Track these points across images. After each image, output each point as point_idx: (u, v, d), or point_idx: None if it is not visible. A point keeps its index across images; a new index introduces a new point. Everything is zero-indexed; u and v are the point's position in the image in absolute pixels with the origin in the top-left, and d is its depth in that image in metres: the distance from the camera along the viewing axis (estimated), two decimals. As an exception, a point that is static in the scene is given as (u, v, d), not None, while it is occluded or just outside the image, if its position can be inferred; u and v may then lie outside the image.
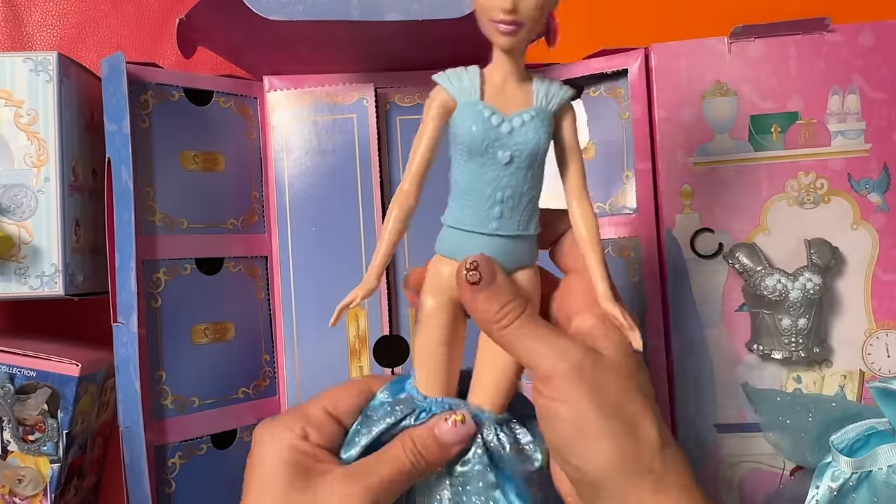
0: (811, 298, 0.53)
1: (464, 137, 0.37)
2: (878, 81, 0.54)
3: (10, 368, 0.53)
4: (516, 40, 0.36)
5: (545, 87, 0.38)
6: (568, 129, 0.38)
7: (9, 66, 0.53)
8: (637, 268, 0.56)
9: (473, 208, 0.37)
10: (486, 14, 0.36)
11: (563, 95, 0.38)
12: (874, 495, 0.48)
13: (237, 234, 0.58)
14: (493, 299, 0.37)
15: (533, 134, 0.36)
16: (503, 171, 0.37)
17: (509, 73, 0.37)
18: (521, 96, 0.37)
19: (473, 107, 0.37)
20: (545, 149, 0.37)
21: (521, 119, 0.37)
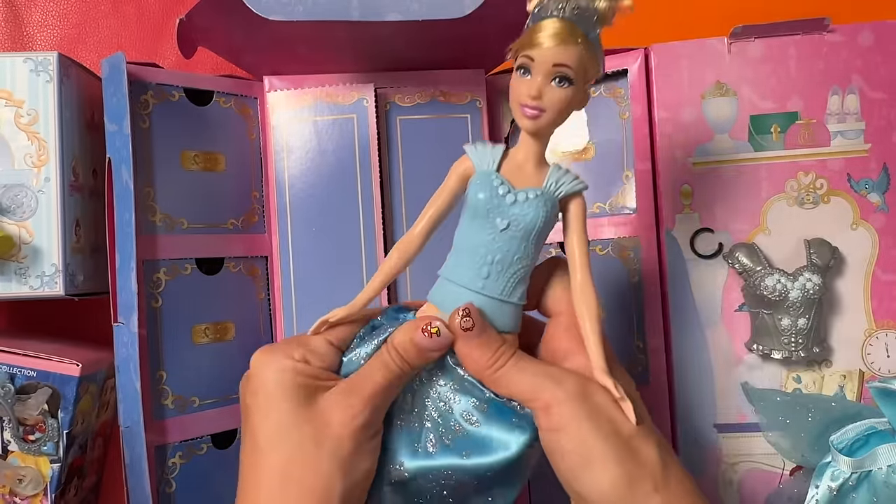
0: (811, 298, 0.53)
1: (472, 200, 0.40)
2: (878, 81, 0.54)
3: (10, 368, 0.53)
4: (539, 125, 0.39)
5: (559, 174, 0.41)
6: (574, 213, 0.41)
7: (9, 67, 0.53)
8: (637, 268, 0.56)
9: (467, 265, 0.40)
10: (516, 98, 0.39)
11: (573, 185, 0.41)
12: (874, 495, 0.48)
13: (237, 234, 0.58)
14: (486, 346, 0.39)
15: (533, 210, 0.39)
16: (498, 237, 0.40)
17: (530, 154, 0.41)
18: (535, 177, 0.40)
19: (487, 176, 0.40)
20: (542, 227, 0.40)
21: (527, 195, 0.40)
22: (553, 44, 0.37)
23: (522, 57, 0.38)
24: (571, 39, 0.38)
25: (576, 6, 0.38)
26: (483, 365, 0.39)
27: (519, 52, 0.39)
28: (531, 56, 0.38)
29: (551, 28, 0.38)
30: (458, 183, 0.41)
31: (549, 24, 0.38)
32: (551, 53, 0.37)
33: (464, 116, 0.57)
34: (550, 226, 0.41)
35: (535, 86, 0.38)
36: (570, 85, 0.38)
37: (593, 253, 0.58)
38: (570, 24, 0.38)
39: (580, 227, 0.41)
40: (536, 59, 0.38)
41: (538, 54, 0.38)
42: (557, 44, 0.37)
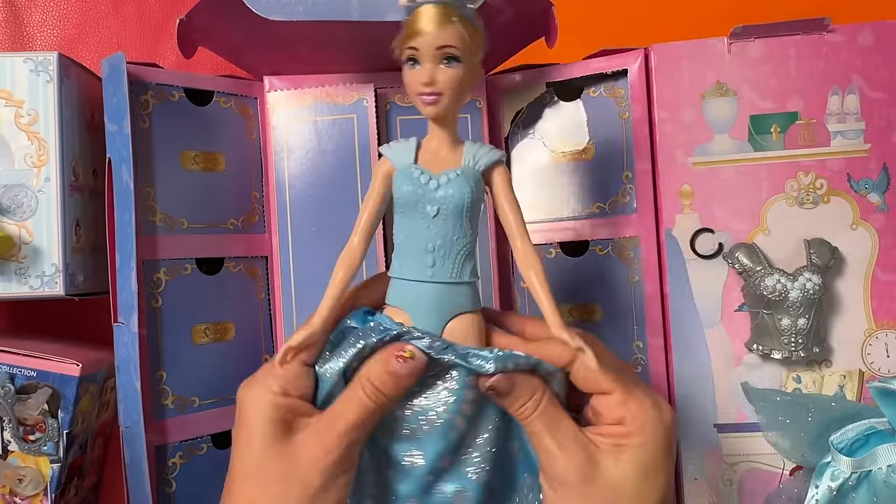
0: (811, 298, 0.53)
1: (398, 195, 0.41)
2: (878, 81, 0.54)
3: (10, 368, 0.53)
4: (440, 108, 0.40)
5: (475, 149, 0.42)
6: (499, 183, 0.42)
7: (9, 67, 0.53)
8: (637, 268, 0.56)
9: (411, 259, 0.41)
10: (412, 91, 0.40)
11: (491, 156, 0.42)
12: (874, 495, 0.48)
13: (237, 234, 0.58)
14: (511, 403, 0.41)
15: (457, 189, 0.40)
16: (432, 224, 0.41)
17: (443, 139, 0.42)
18: (453, 158, 0.41)
19: (407, 169, 0.41)
20: (472, 203, 0.41)
21: (447, 177, 0.41)
22: (432, 28, 0.38)
23: (407, 50, 0.39)
24: (448, 20, 0.39)
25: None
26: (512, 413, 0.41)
27: (403, 46, 0.39)
28: (415, 46, 0.39)
29: (426, 14, 0.39)
30: (383, 184, 0.42)
31: (424, 11, 0.39)
32: (432, 37, 0.38)
33: (464, 116, 0.57)
34: (480, 200, 0.41)
35: (426, 72, 0.39)
36: (459, 63, 0.39)
37: (593, 253, 0.58)
38: (442, 6, 0.39)
39: (507, 194, 0.42)
40: (421, 48, 0.39)
41: (420, 42, 0.39)
42: (436, 27, 0.38)
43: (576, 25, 0.64)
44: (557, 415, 0.41)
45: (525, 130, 0.60)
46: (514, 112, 0.60)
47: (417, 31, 0.39)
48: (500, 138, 0.60)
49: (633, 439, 0.40)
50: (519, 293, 0.59)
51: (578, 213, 0.58)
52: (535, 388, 0.41)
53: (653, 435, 0.40)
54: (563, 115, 0.59)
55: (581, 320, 0.58)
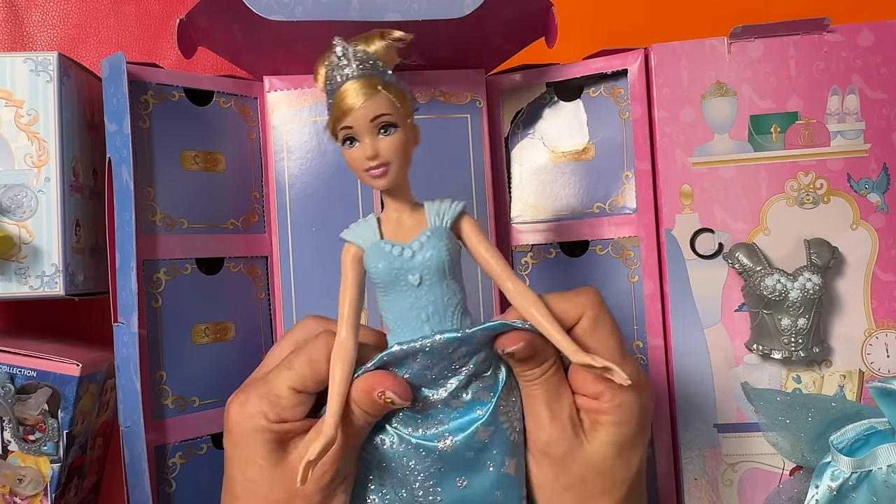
0: (811, 298, 0.53)
1: (376, 275, 0.40)
2: (878, 82, 0.54)
3: (10, 368, 0.53)
4: (391, 178, 0.40)
5: (436, 207, 0.41)
6: (469, 232, 0.41)
7: (9, 66, 0.53)
8: (637, 268, 0.56)
9: (408, 334, 0.40)
10: (357, 168, 0.40)
11: (454, 210, 0.41)
12: (874, 495, 0.48)
13: (237, 234, 0.58)
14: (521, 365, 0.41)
15: (434, 250, 0.39)
16: (419, 293, 0.40)
17: (401, 208, 0.41)
18: (417, 223, 0.41)
19: (376, 246, 0.40)
20: (451, 259, 0.40)
21: (420, 242, 0.40)
22: (360, 103, 0.38)
23: (342, 131, 0.39)
24: (374, 90, 0.38)
25: (359, 63, 0.39)
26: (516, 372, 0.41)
27: (336, 128, 0.39)
28: (348, 125, 0.39)
29: (351, 90, 0.38)
30: (355, 269, 0.41)
31: (348, 88, 0.38)
32: (363, 111, 0.38)
33: (464, 116, 0.57)
34: (457, 254, 0.40)
35: (367, 147, 0.39)
36: (396, 128, 0.39)
37: (593, 253, 0.58)
38: (363, 79, 0.38)
39: (481, 241, 0.41)
40: (355, 125, 0.38)
41: (353, 119, 0.38)
42: (363, 101, 0.38)
43: (576, 25, 0.64)
44: (560, 387, 0.41)
45: (525, 130, 0.60)
46: (514, 112, 0.60)
47: (347, 109, 0.38)
48: (500, 138, 0.60)
49: (609, 417, 0.40)
50: (519, 293, 0.59)
51: (578, 213, 0.59)
52: (548, 355, 0.41)
53: (629, 416, 0.41)
54: (563, 115, 0.59)
55: (581, 320, 0.58)
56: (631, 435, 0.41)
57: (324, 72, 0.40)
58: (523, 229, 0.59)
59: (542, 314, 0.40)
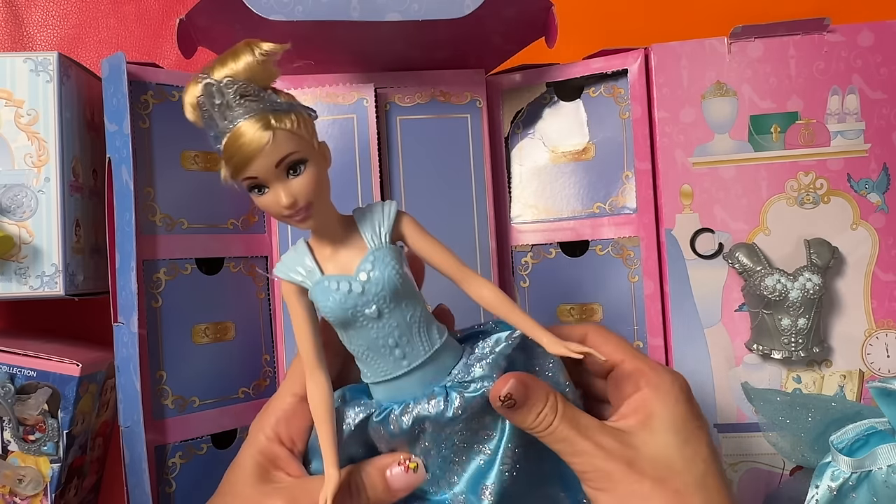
0: (811, 298, 0.53)
1: (329, 314, 0.37)
2: (878, 81, 0.54)
3: (10, 368, 0.53)
4: (315, 219, 0.36)
5: (370, 222, 0.38)
6: (411, 235, 0.38)
7: (9, 66, 0.53)
8: (637, 268, 0.56)
9: (380, 362, 0.38)
10: (275, 215, 0.36)
11: (389, 217, 0.38)
12: (874, 495, 0.48)
13: (237, 234, 0.58)
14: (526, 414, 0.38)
15: (381, 278, 0.37)
16: (379, 323, 0.37)
17: (333, 235, 0.38)
18: (355, 247, 0.37)
19: (320, 285, 0.37)
20: (402, 275, 0.37)
21: (365, 272, 0.37)
22: (256, 152, 0.33)
23: (246, 180, 0.35)
24: (269, 130, 0.33)
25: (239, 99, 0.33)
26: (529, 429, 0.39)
27: (237, 177, 0.35)
28: (252, 175, 0.34)
29: (245, 136, 0.33)
30: (301, 302, 0.38)
31: (241, 134, 0.33)
32: (263, 160, 0.34)
33: (464, 116, 0.57)
34: (404, 264, 0.38)
35: (280, 196, 0.34)
36: (306, 163, 0.35)
37: (593, 253, 0.58)
38: (252, 118, 0.33)
39: (425, 239, 0.38)
40: (259, 174, 0.34)
41: (257, 168, 0.34)
42: (259, 149, 0.33)
43: (576, 25, 0.64)
44: (575, 412, 0.39)
45: (525, 130, 0.60)
46: (514, 112, 0.60)
47: (247, 158, 0.33)
48: (500, 138, 0.60)
49: (654, 403, 0.38)
50: (519, 293, 0.59)
51: (578, 213, 0.59)
52: (547, 389, 0.38)
53: (672, 394, 0.39)
54: (563, 115, 0.59)
55: (581, 320, 0.58)
56: (683, 415, 0.39)
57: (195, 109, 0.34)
58: (523, 229, 0.59)
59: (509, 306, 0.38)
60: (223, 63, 0.34)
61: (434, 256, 0.39)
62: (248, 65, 0.34)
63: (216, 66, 0.34)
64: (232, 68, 0.34)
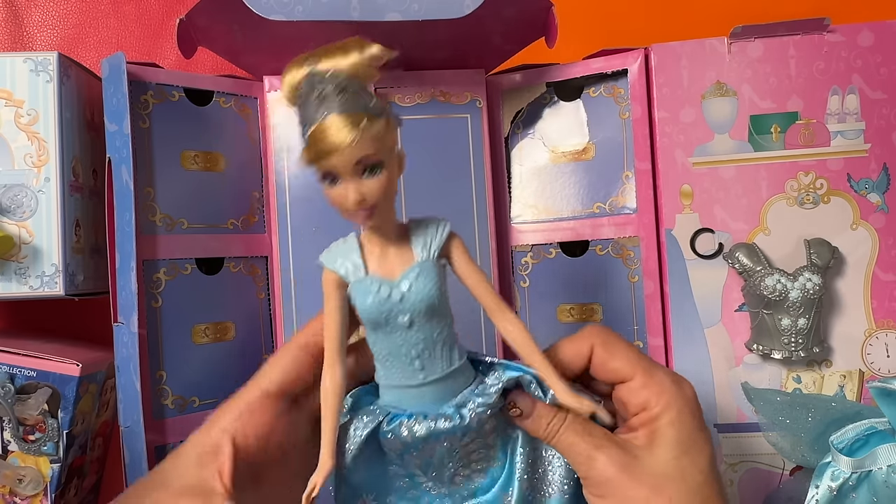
0: (811, 298, 0.53)
1: (363, 313, 0.38)
2: (878, 81, 0.54)
3: (10, 368, 0.53)
4: (378, 219, 0.37)
5: (423, 235, 0.39)
6: (459, 259, 0.39)
7: (9, 66, 0.53)
8: (637, 268, 0.56)
9: (398, 368, 0.39)
10: (340, 208, 0.37)
11: (441, 236, 0.39)
12: (874, 495, 0.48)
13: (237, 234, 0.58)
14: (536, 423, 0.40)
15: (423, 291, 0.37)
16: (409, 332, 0.38)
17: (386, 241, 0.39)
18: (403, 255, 0.38)
19: (362, 283, 0.38)
20: (440, 295, 0.38)
21: (408, 281, 0.38)
22: (344, 144, 0.34)
23: (322, 168, 0.36)
24: (357, 129, 0.34)
25: (340, 93, 0.35)
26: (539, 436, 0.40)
27: (315, 164, 0.36)
28: (331, 164, 0.35)
29: (333, 128, 0.35)
30: (338, 296, 0.39)
31: (330, 126, 0.35)
32: (348, 154, 0.35)
33: (464, 116, 0.57)
34: (445, 281, 0.39)
35: (352, 191, 0.36)
36: (382, 168, 0.36)
37: (593, 253, 0.58)
38: (346, 115, 0.35)
39: (469, 264, 0.39)
40: (338, 167, 0.35)
41: (336, 161, 0.35)
42: (348, 143, 0.34)
43: (576, 25, 0.64)
44: (585, 422, 0.40)
45: (525, 130, 0.60)
46: (514, 112, 0.60)
47: (330, 150, 0.35)
48: (500, 138, 0.60)
49: (661, 420, 0.39)
50: (519, 293, 0.59)
51: (578, 213, 0.59)
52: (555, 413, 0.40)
53: (678, 410, 0.39)
54: (563, 115, 0.59)
55: (581, 320, 0.58)
56: (688, 431, 0.39)
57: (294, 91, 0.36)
58: (523, 229, 0.59)
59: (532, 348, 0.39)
60: (331, 54, 0.35)
61: (473, 281, 0.39)
62: (354, 62, 0.35)
63: (323, 55, 0.35)
64: (338, 62, 0.35)
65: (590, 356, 0.41)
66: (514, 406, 0.40)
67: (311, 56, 0.36)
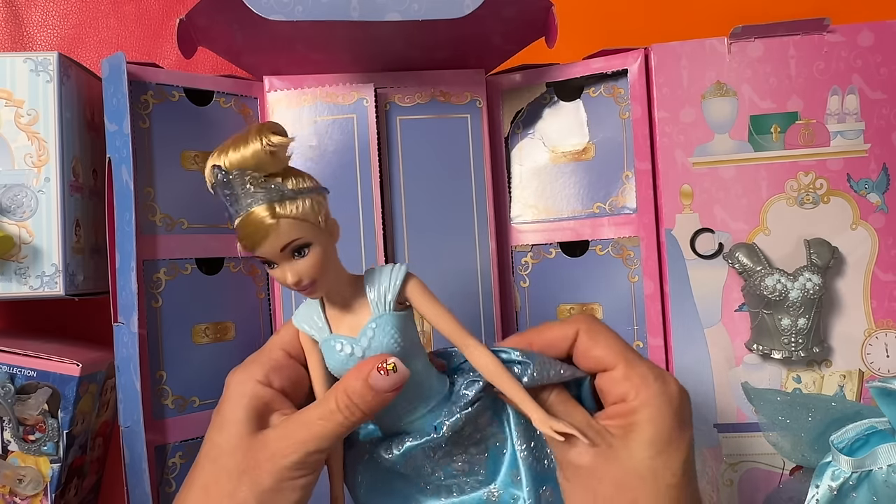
0: (811, 298, 0.53)
1: (332, 371, 0.39)
2: (878, 82, 0.54)
3: (10, 368, 0.53)
4: (321, 291, 0.38)
5: (376, 287, 0.39)
6: (417, 300, 0.39)
7: (9, 66, 0.53)
8: (637, 268, 0.56)
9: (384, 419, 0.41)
10: (284, 284, 0.37)
11: (394, 283, 0.39)
12: (874, 495, 0.48)
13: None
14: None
15: (382, 345, 0.38)
16: None
17: (342, 299, 0.39)
18: (362, 310, 0.39)
19: (327, 343, 0.39)
20: (402, 341, 0.38)
21: (367, 336, 0.38)
22: (262, 239, 0.35)
23: (256, 257, 0.37)
24: (272, 221, 0.35)
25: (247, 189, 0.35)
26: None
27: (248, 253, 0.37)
28: (260, 256, 0.36)
29: (250, 224, 0.35)
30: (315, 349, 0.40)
31: (247, 222, 0.36)
32: (269, 246, 0.35)
33: (464, 116, 0.57)
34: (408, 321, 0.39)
35: (289, 274, 0.36)
36: (311, 245, 0.36)
37: (593, 253, 0.58)
38: (259, 207, 0.35)
39: (430, 305, 0.39)
40: (267, 254, 0.36)
41: (263, 252, 0.36)
42: (262, 239, 0.35)
43: (576, 25, 0.64)
44: (570, 405, 0.40)
45: (525, 130, 0.60)
46: (514, 112, 0.60)
47: (253, 244, 0.36)
48: (500, 138, 0.60)
49: (639, 415, 0.38)
50: (519, 293, 0.59)
51: (578, 213, 0.59)
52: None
53: (658, 408, 0.38)
54: (563, 115, 0.59)
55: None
56: (667, 430, 0.38)
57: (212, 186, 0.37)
58: (523, 229, 0.59)
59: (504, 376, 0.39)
60: (235, 147, 0.35)
61: (438, 321, 0.39)
62: (255, 153, 0.35)
63: (229, 149, 0.36)
64: (242, 154, 0.35)
65: (574, 341, 0.41)
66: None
67: (219, 150, 0.36)
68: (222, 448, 0.40)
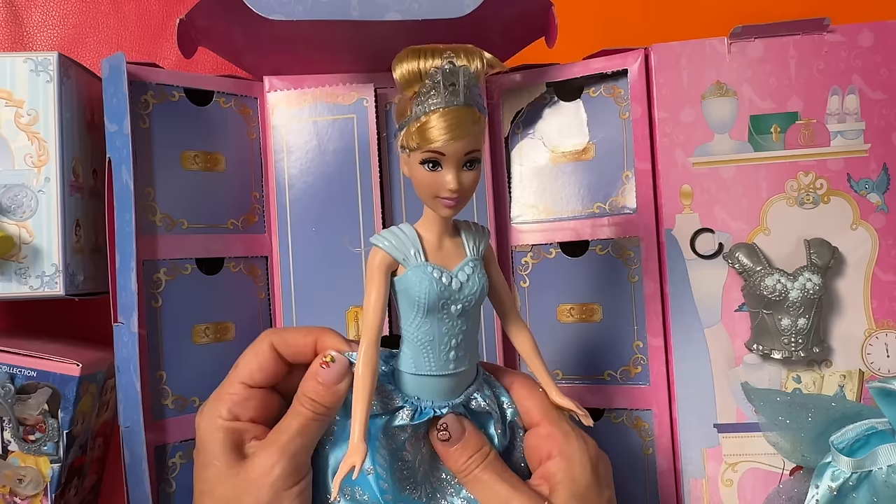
0: (811, 298, 0.53)
1: (420, 299, 0.40)
2: (878, 82, 0.54)
3: (10, 368, 0.53)
4: (458, 210, 0.40)
5: (471, 234, 0.42)
6: (492, 258, 0.43)
7: (9, 66, 0.53)
8: (637, 268, 0.56)
9: (433, 356, 0.41)
10: (429, 191, 0.38)
11: (485, 238, 0.42)
12: (874, 495, 0.48)
13: (237, 234, 0.58)
14: (460, 452, 0.42)
15: (477, 284, 0.41)
16: (457, 321, 0.41)
17: (444, 230, 0.41)
18: (457, 249, 0.41)
19: (423, 269, 0.40)
20: (486, 292, 0.42)
21: (465, 273, 0.40)
22: (462, 136, 0.36)
23: (427, 152, 0.37)
24: (473, 125, 0.37)
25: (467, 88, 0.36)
26: (457, 469, 0.43)
27: (420, 145, 0.37)
28: (441, 151, 0.37)
29: (454, 119, 0.36)
30: (386, 278, 0.40)
31: (450, 116, 0.36)
32: (462, 145, 0.37)
33: (464, 116, 0.57)
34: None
35: (453, 179, 0.37)
36: (479, 163, 0.38)
37: (593, 253, 0.58)
38: (467, 108, 0.37)
39: (499, 271, 0.43)
40: (447, 154, 0.37)
41: (449, 149, 0.37)
42: (465, 135, 0.37)
43: (576, 25, 0.64)
44: (504, 467, 0.43)
45: (525, 130, 0.60)
46: (514, 112, 0.60)
47: (445, 138, 0.36)
48: (500, 138, 0.60)
49: (562, 473, 0.42)
50: (519, 293, 0.59)
51: (578, 213, 0.59)
52: (484, 441, 0.43)
53: (581, 465, 0.42)
54: (563, 115, 0.59)
55: (581, 320, 0.58)
56: (585, 485, 0.42)
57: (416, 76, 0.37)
58: (523, 229, 0.59)
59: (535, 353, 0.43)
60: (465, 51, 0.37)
61: (501, 284, 0.43)
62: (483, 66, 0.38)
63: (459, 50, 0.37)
64: (473, 58, 0.37)
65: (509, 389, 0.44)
66: (444, 428, 0.41)
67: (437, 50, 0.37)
68: (213, 482, 0.42)
